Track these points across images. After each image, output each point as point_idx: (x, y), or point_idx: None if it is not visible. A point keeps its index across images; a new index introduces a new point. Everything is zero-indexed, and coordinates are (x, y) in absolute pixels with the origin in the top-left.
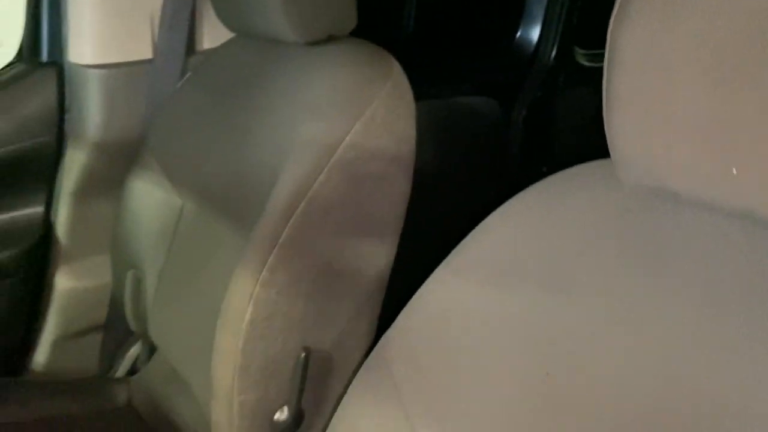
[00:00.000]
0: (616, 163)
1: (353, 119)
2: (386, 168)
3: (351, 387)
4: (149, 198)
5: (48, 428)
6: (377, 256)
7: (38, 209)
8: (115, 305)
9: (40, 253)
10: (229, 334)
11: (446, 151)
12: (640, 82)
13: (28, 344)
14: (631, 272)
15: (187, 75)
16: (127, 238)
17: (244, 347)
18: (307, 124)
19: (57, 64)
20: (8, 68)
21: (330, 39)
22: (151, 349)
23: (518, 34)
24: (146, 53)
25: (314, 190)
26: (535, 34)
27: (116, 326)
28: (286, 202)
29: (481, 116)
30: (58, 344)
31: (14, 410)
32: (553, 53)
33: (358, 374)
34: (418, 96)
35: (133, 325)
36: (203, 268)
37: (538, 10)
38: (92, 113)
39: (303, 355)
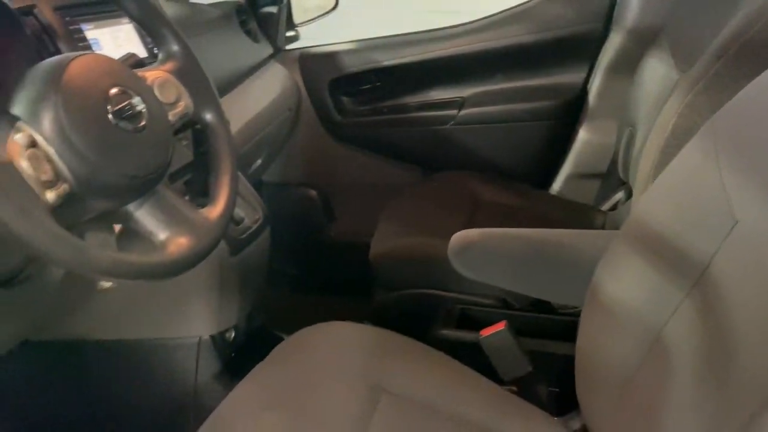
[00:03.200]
0: None
1: None
2: None
3: (679, 156)
4: (654, 71)
5: (538, 218)
6: None
7: (578, 77)
8: (615, 159)
9: (571, 109)
10: (655, 137)
11: None
12: None
13: (553, 171)
14: None
15: None
16: (632, 102)
17: (664, 150)
18: None
19: None
20: None
21: None
22: (628, 195)
23: None
24: None
25: (749, 35)
26: None
27: (612, 176)
28: (722, 43)
29: None
30: (570, 179)
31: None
32: None
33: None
34: None
35: (622, 174)
36: None
37: None
38: (632, 3)
39: None
